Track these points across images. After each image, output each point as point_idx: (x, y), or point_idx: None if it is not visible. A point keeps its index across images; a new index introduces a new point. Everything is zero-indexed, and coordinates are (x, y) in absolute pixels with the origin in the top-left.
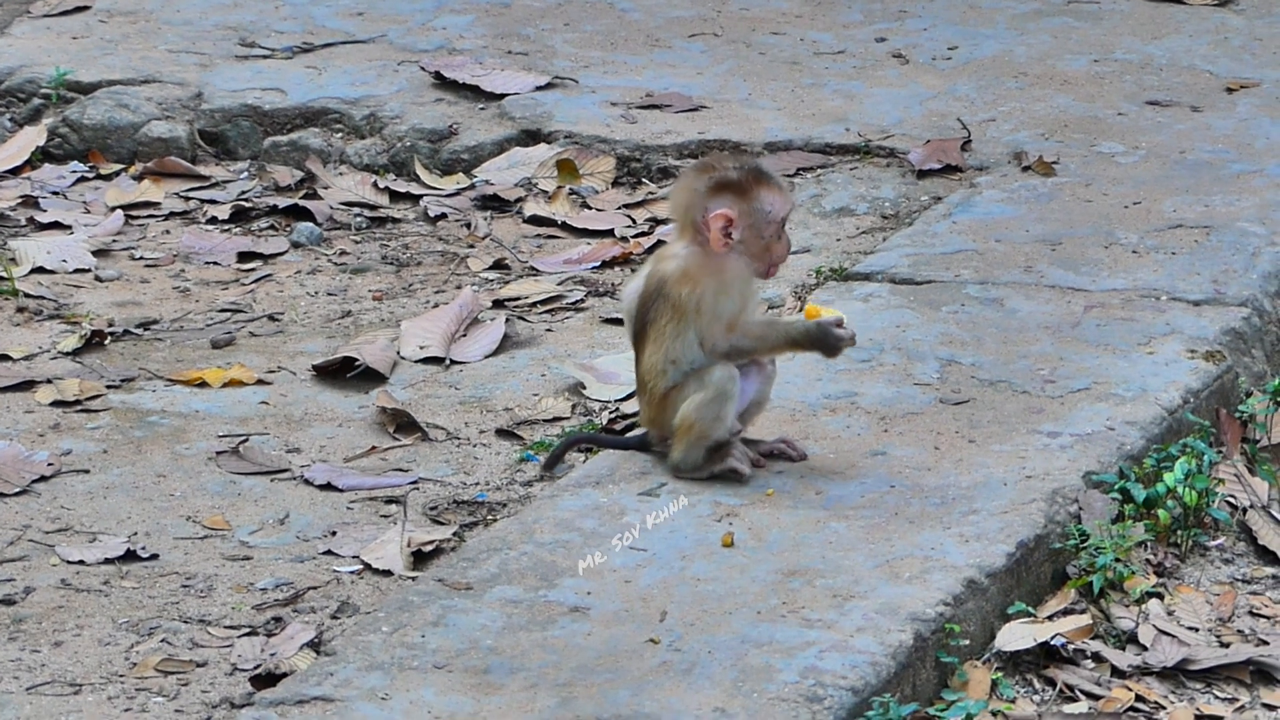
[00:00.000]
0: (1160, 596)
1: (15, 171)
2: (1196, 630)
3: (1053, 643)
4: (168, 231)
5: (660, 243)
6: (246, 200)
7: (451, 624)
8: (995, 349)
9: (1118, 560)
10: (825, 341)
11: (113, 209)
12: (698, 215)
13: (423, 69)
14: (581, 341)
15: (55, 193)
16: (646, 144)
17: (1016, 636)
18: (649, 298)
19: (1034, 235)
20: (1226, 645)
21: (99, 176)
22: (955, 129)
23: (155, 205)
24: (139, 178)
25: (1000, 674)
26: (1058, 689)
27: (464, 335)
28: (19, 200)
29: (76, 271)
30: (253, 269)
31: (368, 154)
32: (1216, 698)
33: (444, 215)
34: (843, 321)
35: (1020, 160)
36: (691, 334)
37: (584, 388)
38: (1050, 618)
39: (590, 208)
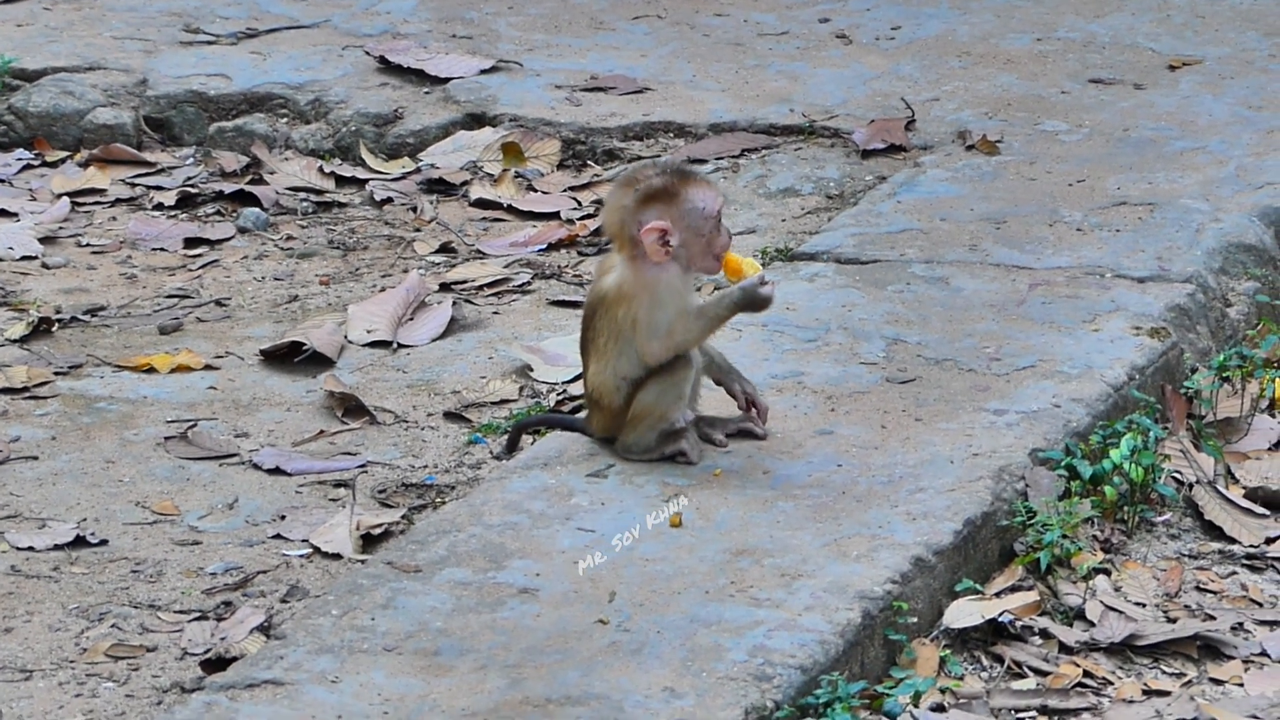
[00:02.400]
0: (1107, 573)
1: None
2: (1144, 606)
3: (1000, 620)
4: (114, 218)
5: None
6: (193, 186)
7: (401, 606)
8: (941, 328)
9: (1065, 537)
10: (755, 304)
11: (59, 196)
12: (632, 230)
13: (367, 54)
14: (528, 324)
15: (1, 180)
16: (591, 126)
17: (964, 614)
18: (591, 312)
19: (978, 214)
20: (1173, 621)
21: (45, 164)
22: (899, 109)
23: (101, 192)
24: (85, 165)
25: (948, 651)
26: (1005, 666)
27: (411, 319)
28: None
29: (23, 259)
30: (199, 255)
31: (313, 139)
32: (1164, 673)
33: (390, 199)
34: (763, 276)
35: (964, 139)
36: (630, 349)
37: (531, 370)
38: (998, 595)
39: (536, 190)
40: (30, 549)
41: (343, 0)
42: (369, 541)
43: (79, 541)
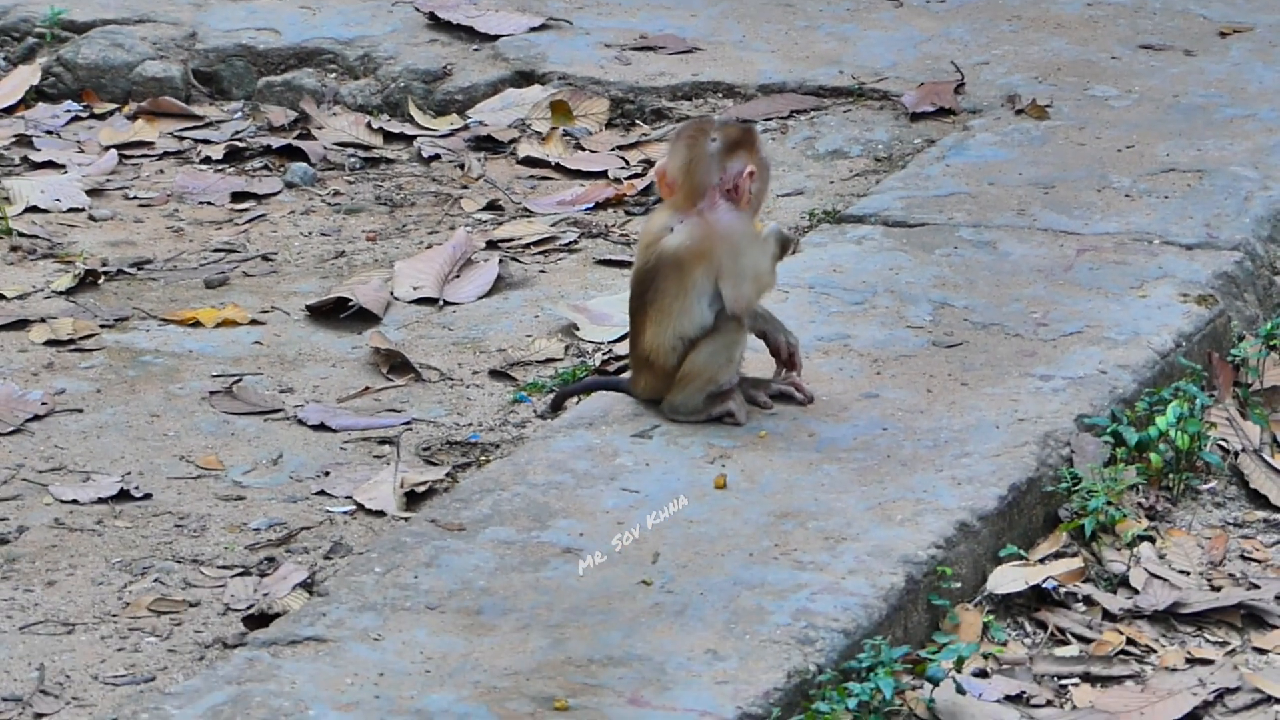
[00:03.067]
0: (1152, 540)
1: (9, 110)
2: (1188, 574)
3: (1044, 585)
4: (161, 171)
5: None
6: (240, 140)
7: (444, 565)
8: (988, 292)
9: (1109, 503)
10: (787, 244)
11: (107, 148)
12: (713, 178)
13: (417, 9)
14: (575, 283)
15: (49, 132)
16: (640, 86)
17: (1008, 579)
18: (647, 275)
19: (1027, 178)
20: (1217, 589)
21: (93, 116)
22: (949, 72)
23: (149, 145)
24: (133, 117)
25: (991, 617)
26: (1049, 632)
27: (457, 276)
28: (13, 139)
29: (70, 211)
30: (246, 209)
31: (362, 94)
32: (1207, 641)
33: (438, 156)
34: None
35: (1014, 103)
36: (697, 307)
37: (577, 329)
38: (1042, 561)
39: (584, 149)
40: (74, 502)
41: None
42: (413, 499)
43: (123, 495)
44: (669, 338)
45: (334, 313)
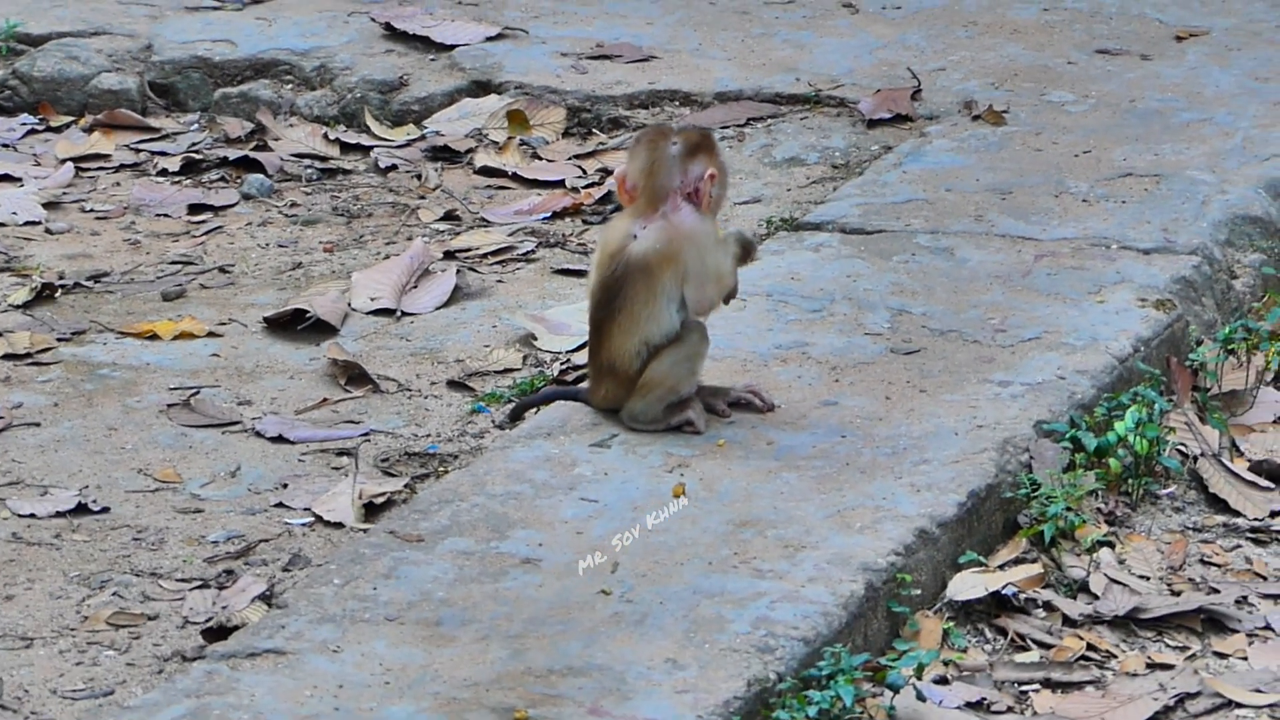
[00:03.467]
0: (1111, 545)
1: None
2: (1148, 579)
3: (1004, 592)
4: (118, 184)
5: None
6: (197, 152)
7: (403, 576)
8: (946, 298)
9: (1069, 509)
10: (749, 251)
11: (63, 161)
12: (674, 181)
13: (373, 20)
14: (532, 292)
15: (5, 145)
16: (597, 94)
17: (968, 586)
18: (615, 284)
19: (984, 184)
20: (1178, 594)
21: (49, 129)
22: (905, 78)
23: (105, 157)
24: (89, 130)
25: (952, 624)
26: (1009, 638)
27: (415, 287)
28: None
29: (27, 224)
30: (203, 221)
31: (318, 105)
32: (1168, 646)
33: (394, 166)
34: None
35: (970, 109)
36: (665, 313)
37: (535, 339)
38: (1002, 567)
39: (541, 158)
40: (32, 516)
41: None
42: (371, 510)
43: (81, 509)
44: (635, 344)
45: (291, 324)
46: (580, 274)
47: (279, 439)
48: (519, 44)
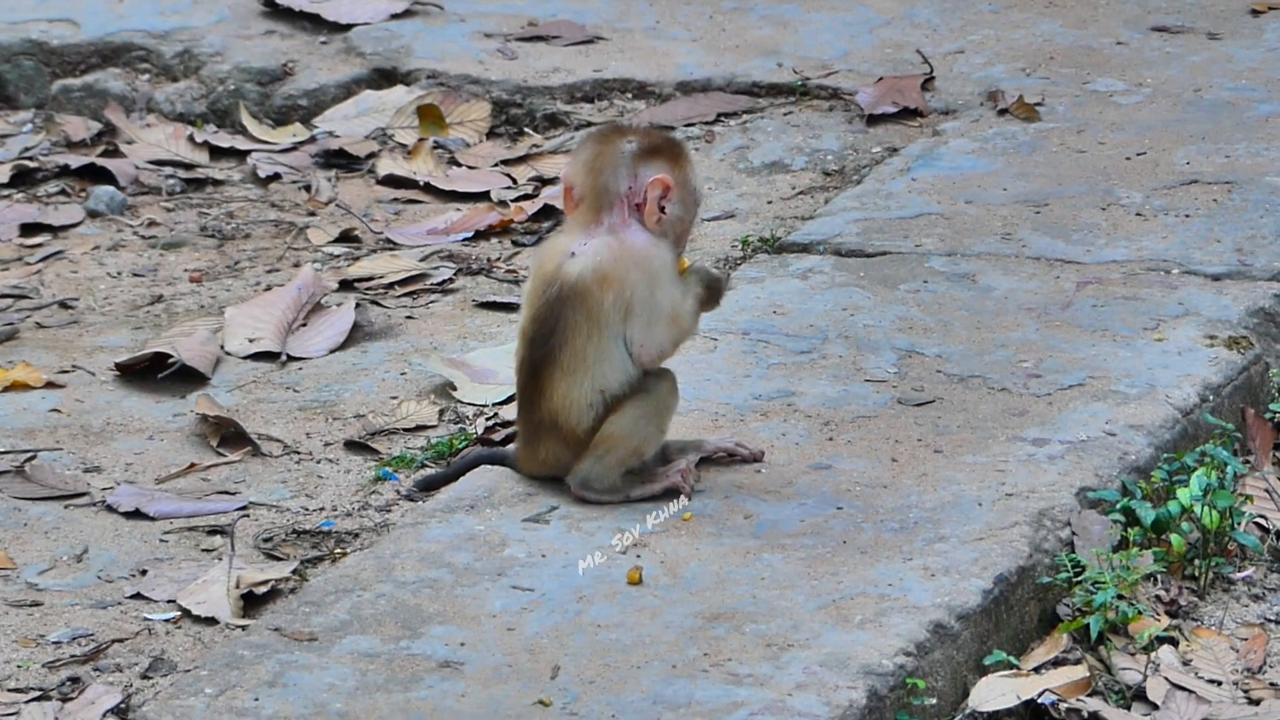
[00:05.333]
0: (1174, 642)
1: None
2: (1219, 684)
3: (1041, 701)
4: None
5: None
6: (31, 159)
7: (292, 684)
8: (966, 336)
9: (1120, 598)
10: (718, 295)
11: None
12: (622, 184)
13: None
14: (450, 331)
15: None
16: (529, 85)
17: (995, 693)
18: (549, 314)
19: (1013, 195)
20: (1257, 702)
21: None
22: (914, 63)
23: None
24: None
25: None
26: None
27: (304, 325)
28: None
29: None
30: (39, 245)
31: (182, 100)
32: None
33: (277, 175)
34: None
35: (996, 101)
36: (616, 351)
37: (454, 389)
38: (1037, 670)
39: (460, 165)
40: None
41: None
42: (251, 603)
43: None
44: (585, 392)
45: (150, 372)
46: (510, 308)
47: (136, 514)
48: (432, 22)
